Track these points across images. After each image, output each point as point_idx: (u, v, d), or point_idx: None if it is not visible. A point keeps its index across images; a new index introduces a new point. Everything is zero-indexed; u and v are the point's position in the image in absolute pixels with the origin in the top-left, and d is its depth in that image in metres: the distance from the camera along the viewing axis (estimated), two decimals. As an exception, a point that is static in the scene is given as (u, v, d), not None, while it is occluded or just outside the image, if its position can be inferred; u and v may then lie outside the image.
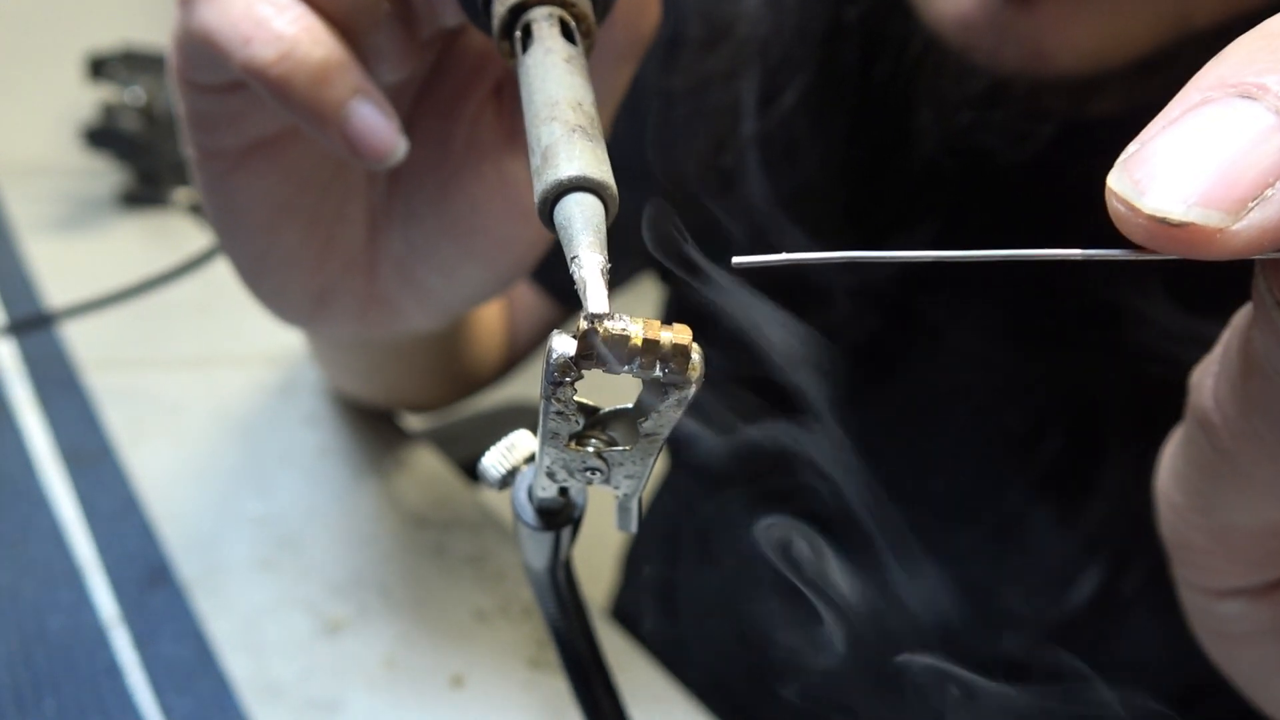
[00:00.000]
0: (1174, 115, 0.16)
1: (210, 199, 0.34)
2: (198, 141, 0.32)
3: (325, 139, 0.28)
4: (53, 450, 0.56)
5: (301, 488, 0.55)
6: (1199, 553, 0.27)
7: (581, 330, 0.16)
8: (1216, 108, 0.16)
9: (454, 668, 0.44)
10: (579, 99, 0.22)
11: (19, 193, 1.00)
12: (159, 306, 0.73)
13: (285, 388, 0.66)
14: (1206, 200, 0.15)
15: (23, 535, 0.49)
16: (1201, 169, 0.16)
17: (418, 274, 0.37)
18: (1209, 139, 0.16)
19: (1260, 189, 0.15)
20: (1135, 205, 0.16)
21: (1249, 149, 0.15)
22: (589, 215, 0.19)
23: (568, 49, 0.23)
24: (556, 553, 0.25)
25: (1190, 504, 0.26)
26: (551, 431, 0.18)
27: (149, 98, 0.98)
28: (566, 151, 0.19)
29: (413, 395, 0.62)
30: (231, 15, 0.27)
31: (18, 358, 0.66)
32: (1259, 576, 0.27)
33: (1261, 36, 0.17)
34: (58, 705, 0.39)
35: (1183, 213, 0.15)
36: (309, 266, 0.35)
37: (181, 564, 0.48)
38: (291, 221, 0.34)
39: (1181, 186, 0.16)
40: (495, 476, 0.24)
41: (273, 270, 0.36)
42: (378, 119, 0.28)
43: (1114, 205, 0.16)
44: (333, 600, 0.47)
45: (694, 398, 0.17)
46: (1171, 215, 0.16)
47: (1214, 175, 0.15)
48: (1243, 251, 0.16)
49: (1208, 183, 0.15)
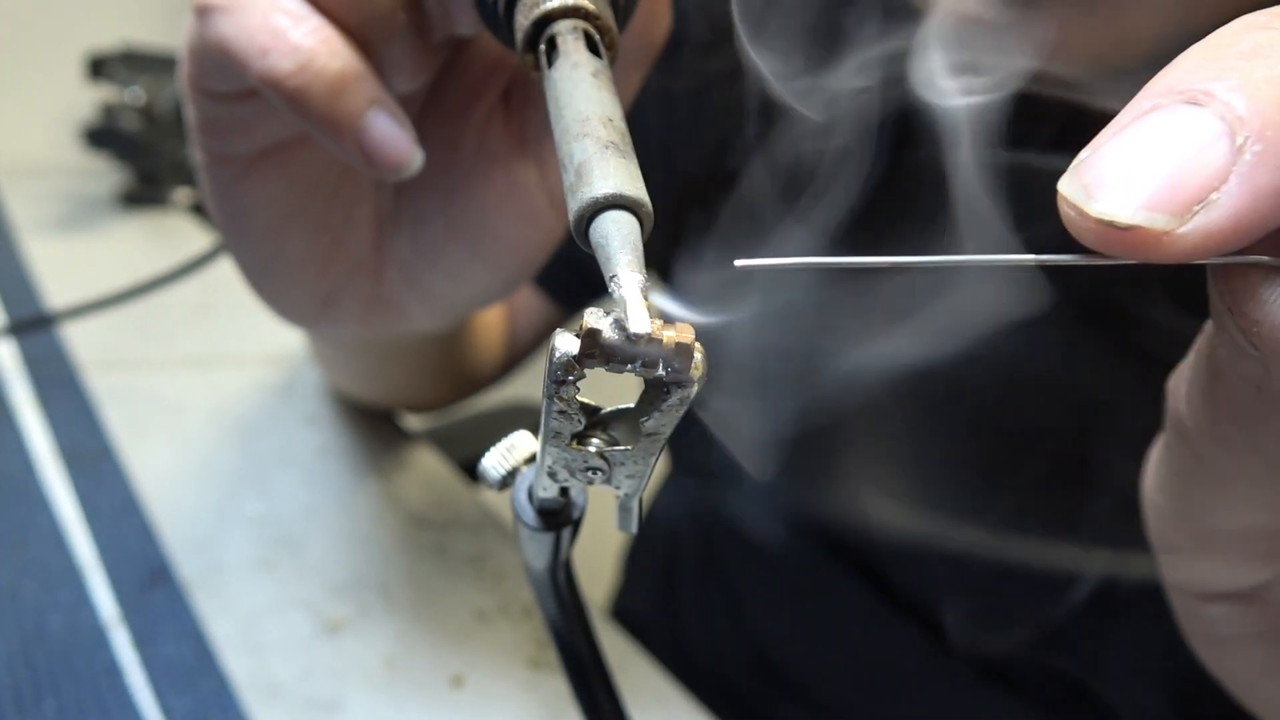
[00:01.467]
0: (1124, 122, 0.17)
1: (218, 204, 0.33)
2: (208, 147, 0.31)
3: (341, 150, 0.28)
4: (53, 450, 0.56)
5: (301, 488, 0.55)
6: (1184, 556, 0.28)
7: (585, 329, 0.16)
8: (1164, 114, 0.16)
9: (454, 668, 0.44)
10: (609, 114, 0.22)
11: (19, 193, 1.00)
12: (159, 306, 0.73)
13: (285, 388, 0.66)
14: (1153, 204, 0.16)
15: (23, 535, 0.49)
16: (1149, 174, 0.16)
17: (424, 277, 0.37)
18: (1157, 145, 0.16)
19: (1206, 193, 0.16)
20: (1084, 209, 0.16)
21: (1195, 154, 0.16)
22: (625, 233, 0.19)
23: (594, 63, 0.23)
24: (556, 553, 0.25)
25: (1173, 508, 0.26)
26: (554, 431, 0.18)
27: (149, 98, 0.98)
28: (600, 169, 0.19)
29: (413, 396, 0.62)
30: (248, 26, 0.27)
31: (18, 358, 0.66)
32: (1244, 580, 0.27)
33: (1210, 45, 0.17)
34: (58, 705, 0.39)
35: (1129, 216, 0.16)
36: (315, 270, 0.35)
37: (181, 564, 0.48)
38: (299, 226, 0.34)
39: (1129, 191, 0.16)
40: (495, 477, 0.24)
41: (279, 274, 0.36)
42: (394, 130, 0.28)
43: (1064, 209, 0.17)
44: (333, 600, 0.47)
45: (696, 397, 0.17)
46: (1119, 219, 0.16)
47: (1161, 180, 0.16)
48: (1190, 255, 0.16)
49: (1154, 187, 0.16)
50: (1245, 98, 0.16)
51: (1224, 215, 0.16)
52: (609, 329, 0.16)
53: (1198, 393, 0.22)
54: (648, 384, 0.17)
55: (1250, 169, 0.16)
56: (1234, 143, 0.16)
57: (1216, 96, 0.16)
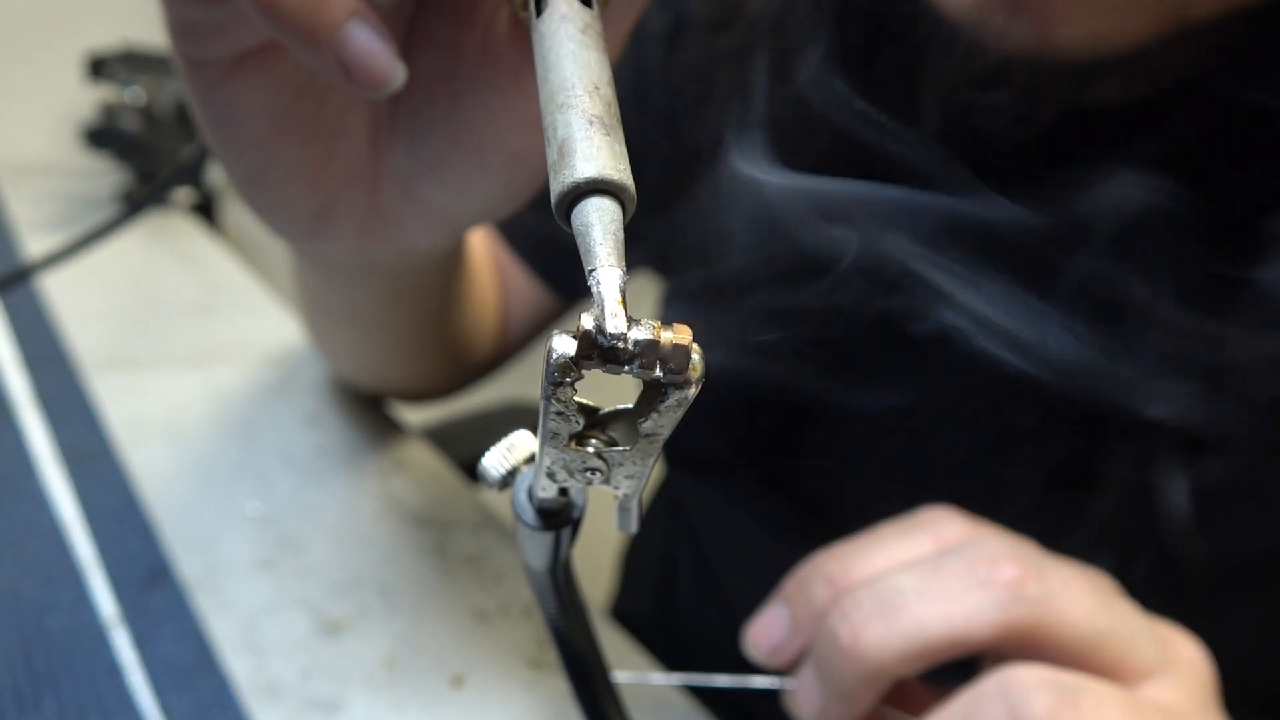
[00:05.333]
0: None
1: (201, 111, 0.32)
2: (183, 51, 0.30)
3: (318, 64, 0.26)
4: (53, 450, 0.56)
5: (301, 488, 0.55)
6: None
7: (582, 331, 0.16)
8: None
9: (454, 668, 0.44)
10: (596, 81, 0.21)
11: (19, 193, 1.00)
12: (159, 306, 0.73)
13: (285, 388, 0.66)
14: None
15: (23, 535, 0.49)
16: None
17: (424, 189, 0.35)
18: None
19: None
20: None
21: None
22: (607, 223, 0.18)
23: (584, 15, 0.22)
24: (556, 553, 0.25)
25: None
26: (551, 432, 0.18)
27: (149, 98, 0.98)
28: (584, 148, 0.19)
29: (408, 376, 0.61)
30: None
31: (18, 358, 0.66)
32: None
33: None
34: (58, 705, 0.39)
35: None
36: (308, 181, 0.34)
37: (181, 564, 0.48)
38: (289, 135, 0.32)
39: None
40: (495, 476, 0.24)
41: (271, 185, 0.34)
42: (375, 43, 0.26)
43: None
44: (333, 600, 0.47)
45: (694, 398, 0.17)
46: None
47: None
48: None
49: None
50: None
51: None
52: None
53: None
54: (646, 385, 0.17)
55: None
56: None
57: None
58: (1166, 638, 0.33)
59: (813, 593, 0.34)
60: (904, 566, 0.32)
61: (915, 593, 0.31)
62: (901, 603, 0.31)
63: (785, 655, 0.34)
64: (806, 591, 0.34)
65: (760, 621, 0.35)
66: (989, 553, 0.31)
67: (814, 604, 0.33)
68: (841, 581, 0.33)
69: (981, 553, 0.31)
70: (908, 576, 0.31)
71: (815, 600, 0.33)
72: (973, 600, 0.30)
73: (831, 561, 0.34)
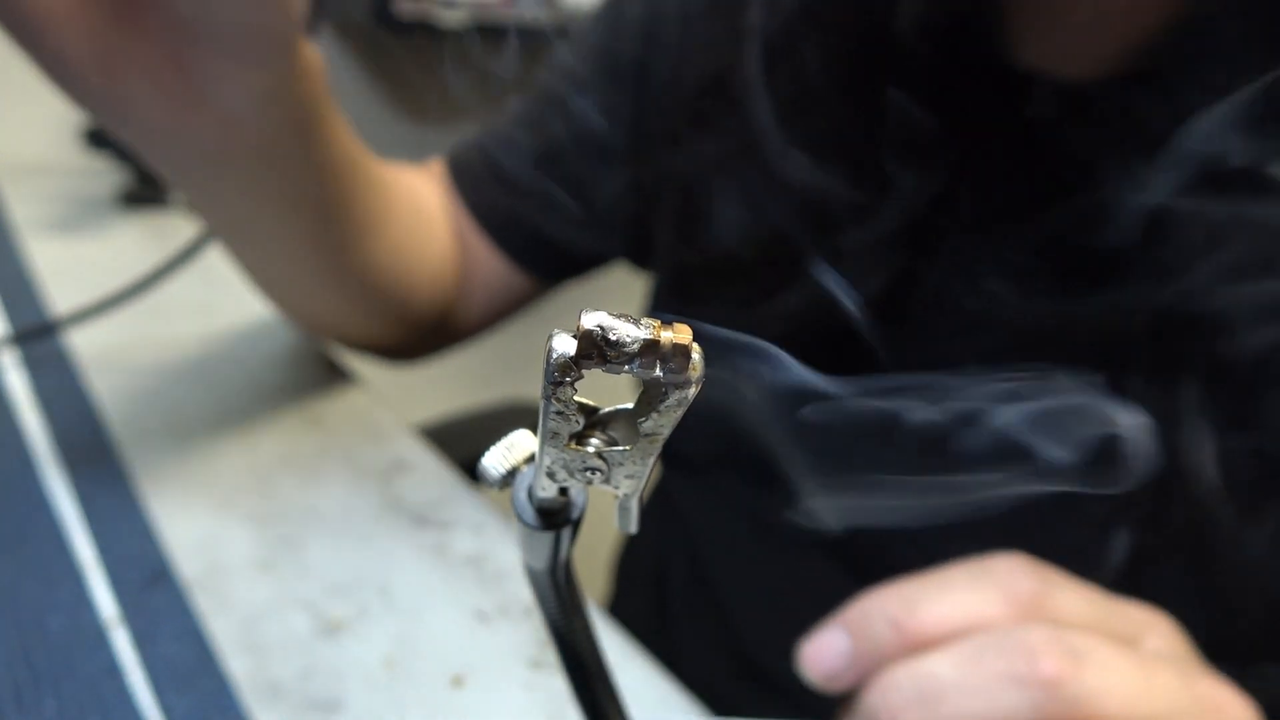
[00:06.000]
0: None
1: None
2: None
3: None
4: (53, 450, 0.56)
5: (301, 488, 0.55)
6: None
7: (582, 330, 0.16)
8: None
9: (454, 668, 0.44)
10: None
11: (19, 193, 1.00)
12: (159, 306, 0.73)
13: (285, 388, 0.66)
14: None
15: (23, 535, 0.49)
16: None
17: (197, 33, 0.38)
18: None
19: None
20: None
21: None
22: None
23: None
24: (556, 553, 0.25)
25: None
26: (551, 431, 0.18)
27: (149, 98, 0.98)
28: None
29: (336, 315, 0.61)
30: None
31: (18, 357, 0.66)
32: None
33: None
34: (58, 705, 0.39)
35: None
36: (75, 21, 0.36)
37: (181, 564, 0.48)
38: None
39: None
40: (495, 476, 0.24)
41: (41, 31, 0.36)
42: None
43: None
44: (333, 600, 0.47)
45: (694, 397, 0.17)
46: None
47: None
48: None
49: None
50: None
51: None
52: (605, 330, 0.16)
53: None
54: (646, 384, 0.17)
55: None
56: None
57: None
58: (1217, 703, 0.32)
59: (875, 629, 0.33)
60: (945, 653, 0.31)
61: (954, 686, 0.30)
62: (939, 694, 0.30)
63: (838, 684, 0.34)
64: (869, 627, 0.33)
65: (819, 643, 0.34)
66: (1030, 645, 0.30)
67: (875, 643, 0.33)
68: (906, 625, 0.32)
69: (1023, 644, 0.30)
70: (947, 664, 0.31)
71: (877, 639, 0.33)
72: (1009, 699, 0.30)
73: (897, 601, 0.33)
